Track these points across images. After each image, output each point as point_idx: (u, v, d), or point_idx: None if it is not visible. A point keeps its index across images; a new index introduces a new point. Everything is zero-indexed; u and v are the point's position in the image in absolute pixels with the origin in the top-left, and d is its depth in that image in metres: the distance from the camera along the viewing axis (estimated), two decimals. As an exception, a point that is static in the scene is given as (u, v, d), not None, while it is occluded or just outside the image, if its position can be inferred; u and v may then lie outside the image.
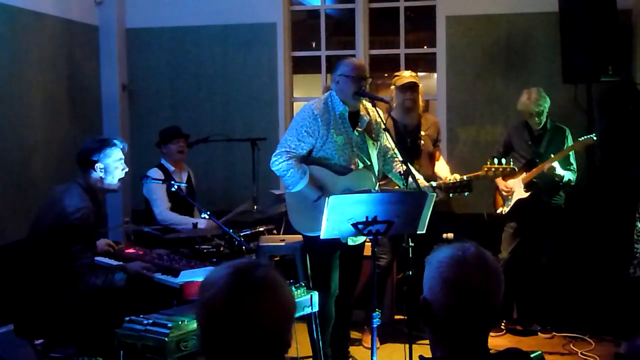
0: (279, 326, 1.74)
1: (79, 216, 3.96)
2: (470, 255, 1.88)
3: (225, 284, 1.73)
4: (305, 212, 4.50)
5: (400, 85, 5.44)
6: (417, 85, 5.45)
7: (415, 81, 5.44)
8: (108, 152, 4.14)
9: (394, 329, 5.76)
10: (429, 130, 5.66)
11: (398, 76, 5.53)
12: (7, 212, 5.64)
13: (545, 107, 5.55)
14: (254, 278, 1.74)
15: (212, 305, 1.71)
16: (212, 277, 1.77)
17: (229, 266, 1.79)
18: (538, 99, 5.53)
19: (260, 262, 1.85)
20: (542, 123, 5.61)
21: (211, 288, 1.73)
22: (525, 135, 5.69)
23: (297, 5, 7.55)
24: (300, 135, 4.49)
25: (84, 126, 6.74)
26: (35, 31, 6.11)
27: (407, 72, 5.57)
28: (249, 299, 1.71)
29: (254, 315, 1.70)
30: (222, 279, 1.74)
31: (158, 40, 7.19)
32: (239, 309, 1.69)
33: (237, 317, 1.69)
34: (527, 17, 6.56)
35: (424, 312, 1.92)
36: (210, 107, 7.13)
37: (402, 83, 5.43)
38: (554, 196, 5.67)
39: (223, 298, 1.70)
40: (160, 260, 4.60)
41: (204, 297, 1.74)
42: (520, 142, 5.71)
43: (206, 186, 6.60)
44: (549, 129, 5.65)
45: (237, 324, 1.69)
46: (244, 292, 1.71)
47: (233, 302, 1.70)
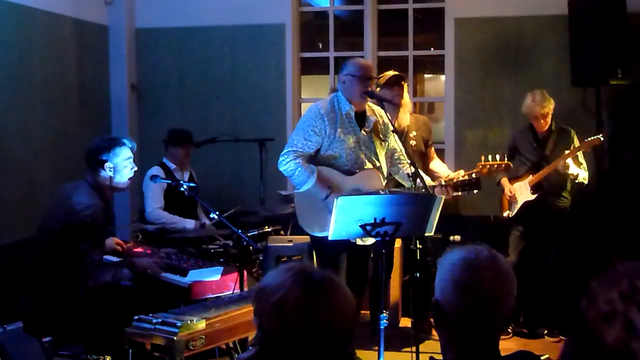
0: (346, 325, 1.75)
1: (88, 213, 3.97)
2: (482, 258, 1.88)
3: (294, 284, 1.72)
4: (313, 213, 4.50)
5: (386, 81, 5.40)
6: (401, 79, 5.42)
7: (399, 74, 5.41)
8: (117, 151, 4.15)
9: (400, 330, 5.76)
10: (419, 130, 5.63)
11: (382, 76, 5.49)
12: (16, 210, 5.66)
13: (550, 109, 5.54)
14: (319, 278, 1.75)
15: (283, 307, 1.70)
16: (274, 281, 1.75)
17: (287, 269, 1.78)
18: (542, 101, 5.51)
19: (312, 265, 1.86)
20: (547, 125, 5.60)
21: (278, 291, 1.72)
22: (530, 138, 5.68)
23: (306, 6, 7.57)
24: (307, 134, 4.49)
25: (93, 125, 6.76)
26: (45, 30, 6.13)
27: (389, 72, 5.51)
28: (320, 298, 1.71)
29: (325, 314, 1.70)
30: (287, 281, 1.73)
31: (167, 40, 7.21)
32: (312, 308, 1.70)
33: (311, 315, 1.69)
34: (536, 19, 6.56)
35: (436, 314, 1.92)
36: (218, 107, 7.14)
37: (387, 79, 5.39)
38: (560, 198, 5.66)
39: (296, 297, 1.70)
40: (168, 259, 4.61)
41: (271, 301, 1.72)
42: (526, 145, 5.70)
43: (213, 186, 6.61)
44: (554, 131, 5.63)
45: (311, 323, 1.69)
46: (315, 292, 1.72)
47: (306, 301, 1.70)
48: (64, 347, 4.12)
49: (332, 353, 1.73)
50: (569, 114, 6.07)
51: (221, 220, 4.47)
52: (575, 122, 5.90)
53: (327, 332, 1.71)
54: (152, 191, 5.69)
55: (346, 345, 1.77)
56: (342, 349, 1.76)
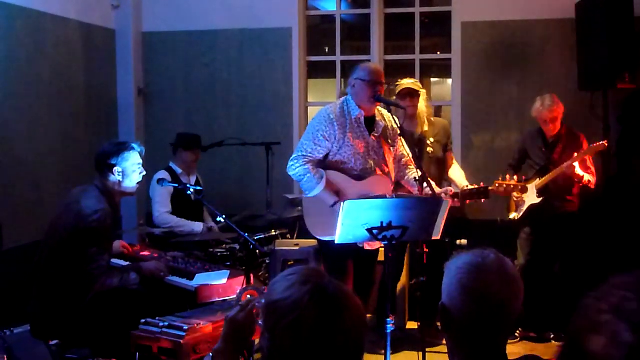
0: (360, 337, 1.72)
1: (96, 218, 3.97)
2: (489, 262, 1.88)
3: (310, 303, 1.67)
4: (321, 217, 4.49)
5: (399, 92, 5.41)
6: (416, 92, 5.40)
7: (414, 87, 5.40)
8: (126, 156, 4.16)
9: (407, 335, 5.74)
10: (437, 136, 5.62)
11: (398, 84, 5.50)
12: (24, 214, 5.68)
13: (559, 113, 5.53)
14: (333, 293, 1.71)
15: (299, 327, 1.65)
16: (288, 296, 1.70)
17: (301, 282, 1.72)
18: (551, 105, 5.50)
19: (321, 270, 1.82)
20: (555, 130, 5.59)
21: (293, 310, 1.67)
22: (539, 142, 5.67)
23: (313, 10, 7.57)
24: (317, 139, 4.49)
25: (100, 129, 6.79)
26: (53, 34, 6.16)
27: (408, 79, 5.50)
28: (337, 318, 1.67)
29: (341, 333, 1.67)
30: (303, 298, 1.68)
31: (174, 44, 7.22)
32: (329, 329, 1.66)
33: (327, 336, 1.66)
34: (543, 23, 6.55)
35: (443, 318, 1.92)
36: (225, 111, 7.15)
37: (400, 90, 5.40)
38: (567, 203, 5.64)
39: (312, 318, 1.66)
40: (175, 263, 4.62)
41: (286, 319, 1.67)
42: (535, 149, 5.69)
43: (220, 190, 6.62)
44: (564, 135, 5.62)
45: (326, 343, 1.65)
46: (332, 311, 1.68)
47: (322, 323, 1.66)
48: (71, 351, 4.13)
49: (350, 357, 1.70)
50: (576, 118, 6.05)
51: (228, 224, 4.47)
52: (582, 126, 5.88)
53: (342, 349, 1.68)
54: (159, 195, 5.70)
55: (358, 357, 1.74)
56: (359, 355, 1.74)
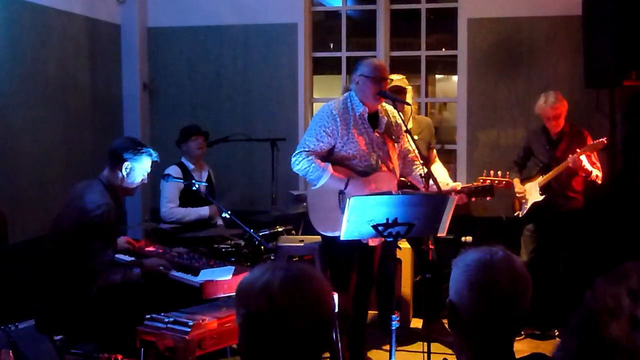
0: (331, 306, 1.80)
1: (99, 213, 3.97)
2: (498, 259, 1.87)
3: (276, 271, 1.77)
4: (326, 212, 4.48)
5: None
6: (403, 89, 5.37)
7: (400, 84, 5.37)
8: (140, 158, 4.17)
9: (411, 331, 5.74)
10: (422, 133, 5.60)
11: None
12: (28, 208, 5.68)
13: (562, 110, 5.51)
14: (297, 265, 1.82)
15: (270, 288, 1.73)
16: (254, 274, 1.80)
17: (263, 266, 1.83)
18: (554, 102, 5.48)
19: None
20: (559, 127, 5.57)
21: (261, 277, 1.76)
22: (543, 140, 5.66)
23: (318, 6, 7.56)
24: (319, 135, 4.48)
25: (105, 124, 6.79)
26: (58, 29, 6.15)
27: (394, 75, 5.42)
28: (303, 279, 1.76)
29: (311, 292, 1.74)
30: (267, 269, 1.78)
31: (179, 39, 7.22)
32: (298, 286, 1.74)
33: (298, 293, 1.73)
34: (549, 20, 6.52)
35: (450, 315, 1.91)
36: (230, 106, 7.15)
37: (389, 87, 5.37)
38: (570, 200, 5.62)
39: (280, 278, 1.74)
40: (180, 258, 4.62)
41: (256, 286, 1.75)
42: (539, 146, 5.68)
43: (225, 186, 6.61)
44: (568, 133, 5.60)
45: (299, 300, 1.73)
46: (297, 274, 1.77)
47: (291, 281, 1.74)
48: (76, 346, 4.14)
49: (319, 332, 1.77)
50: (582, 115, 6.04)
51: (233, 220, 4.47)
52: (588, 124, 5.87)
53: (315, 309, 1.75)
54: (167, 191, 5.69)
55: (331, 326, 1.81)
56: (328, 330, 1.81)
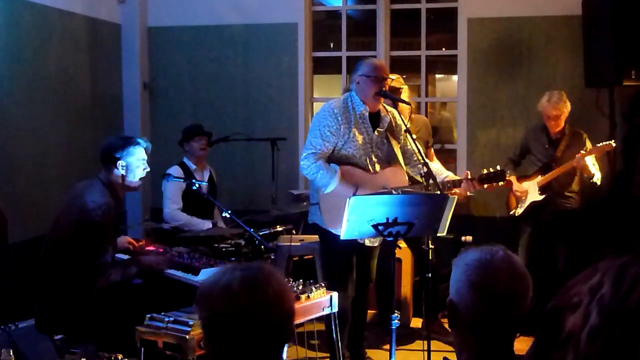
0: (290, 301, 1.88)
1: (100, 212, 3.98)
2: (498, 258, 1.88)
3: (234, 271, 1.85)
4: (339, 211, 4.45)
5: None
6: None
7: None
8: (131, 151, 4.16)
9: (411, 330, 5.75)
10: (419, 132, 5.62)
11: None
12: (28, 208, 5.68)
13: (564, 111, 5.51)
14: (254, 264, 1.90)
15: (230, 288, 1.80)
16: (212, 278, 1.88)
17: (220, 269, 1.91)
18: (557, 102, 5.49)
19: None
20: (558, 127, 5.58)
21: (220, 279, 1.84)
22: (543, 139, 5.67)
23: (318, 5, 7.56)
24: (324, 134, 4.48)
25: (105, 123, 6.79)
26: (58, 28, 6.15)
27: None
28: (262, 276, 1.83)
29: (271, 288, 1.82)
30: (225, 271, 1.86)
31: (179, 39, 7.22)
32: (257, 284, 1.81)
33: (258, 290, 1.80)
34: (549, 20, 6.53)
35: (451, 315, 1.92)
36: (230, 106, 7.15)
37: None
38: (568, 199, 5.63)
39: (239, 278, 1.82)
40: (180, 258, 4.62)
41: (217, 288, 1.82)
42: (538, 145, 5.69)
43: (226, 185, 6.62)
44: (567, 134, 5.61)
45: (259, 297, 1.80)
46: (255, 272, 1.84)
47: (249, 279, 1.82)
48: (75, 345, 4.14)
49: (280, 327, 1.85)
50: (582, 114, 6.04)
51: (233, 219, 4.47)
52: (588, 123, 5.88)
53: (275, 305, 1.81)
54: (170, 192, 5.68)
55: (291, 320, 1.89)
56: (288, 324, 1.89)
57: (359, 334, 4.96)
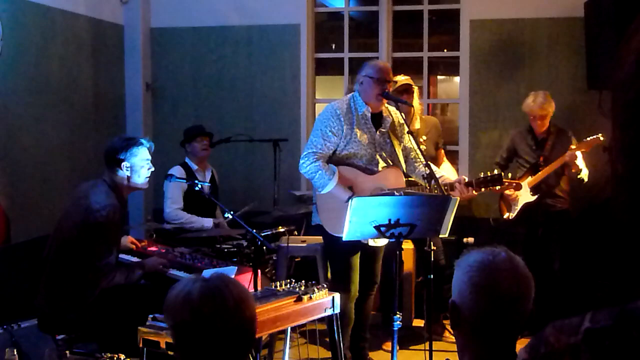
0: (252, 309, 1.99)
1: (105, 214, 3.99)
2: (500, 260, 1.88)
3: (195, 282, 1.97)
4: (335, 212, 4.47)
5: (395, 89, 5.41)
6: (411, 88, 5.42)
7: (409, 84, 5.42)
8: (135, 151, 4.17)
9: (413, 332, 5.75)
10: (429, 133, 5.64)
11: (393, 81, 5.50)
12: (31, 208, 5.69)
13: (549, 111, 5.55)
14: (216, 275, 2.03)
15: (190, 297, 1.93)
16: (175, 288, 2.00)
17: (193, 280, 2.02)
18: (543, 102, 5.52)
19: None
20: (543, 127, 5.61)
21: (182, 290, 1.97)
22: (529, 140, 5.70)
23: (321, 6, 7.57)
24: (326, 135, 4.50)
25: (108, 124, 6.80)
26: (61, 29, 6.16)
27: (400, 76, 5.52)
28: (222, 286, 1.95)
29: (231, 298, 1.92)
30: (188, 282, 2.01)
31: (182, 40, 7.23)
32: (217, 293, 1.93)
33: (218, 299, 1.92)
34: (552, 22, 6.53)
35: (453, 316, 1.92)
36: (232, 107, 7.16)
37: (397, 87, 5.40)
38: (558, 199, 5.64)
39: (199, 287, 1.94)
40: (182, 258, 4.63)
41: (178, 298, 1.95)
42: (525, 146, 5.72)
43: (227, 186, 6.62)
44: (553, 133, 5.64)
45: (219, 306, 1.91)
46: (216, 282, 1.97)
47: (209, 289, 1.94)
48: (78, 345, 4.15)
49: (243, 333, 1.94)
50: (585, 116, 6.04)
51: (235, 220, 4.47)
52: (590, 125, 5.87)
53: (236, 312, 1.91)
54: (171, 191, 5.70)
55: (253, 326, 1.98)
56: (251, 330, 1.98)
57: (362, 335, 4.96)
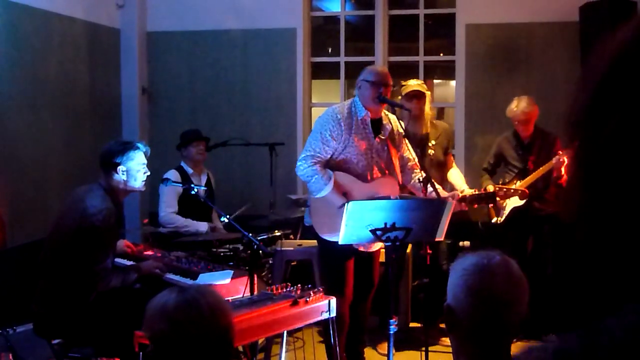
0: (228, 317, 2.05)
1: (101, 218, 3.98)
2: (495, 263, 1.89)
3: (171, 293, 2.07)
4: (328, 217, 4.48)
5: (406, 94, 5.44)
6: (423, 94, 5.43)
7: (420, 89, 5.43)
8: (131, 155, 4.17)
9: (409, 335, 5.74)
10: (439, 138, 5.64)
11: (404, 85, 5.53)
12: (26, 212, 5.69)
13: (533, 115, 5.59)
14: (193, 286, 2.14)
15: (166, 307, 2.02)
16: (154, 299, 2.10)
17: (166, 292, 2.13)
18: (526, 107, 5.56)
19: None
20: (528, 131, 5.65)
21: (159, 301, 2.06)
22: (515, 145, 5.73)
23: (317, 11, 7.58)
24: (325, 138, 4.50)
25: (104, 128, 6.80)
26: (58, 33, 6.17)
27: (413, 80, 5.56)
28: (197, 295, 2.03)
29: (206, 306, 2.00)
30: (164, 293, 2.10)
31: (178, 43, 7.23)
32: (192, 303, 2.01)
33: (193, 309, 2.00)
34: (547, 26, 6.55)
35: (448, 319, 1.92)
36: (229, 111, 7.16)
37: (408, 92, 5.42)
38: (547, 202, 5.65)
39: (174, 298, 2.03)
40: (178, 262, 4.62)
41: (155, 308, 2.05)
42: (512, 152, 5.74)
43: (224, 190, 6.62)
44: (538, 136, 5.67)
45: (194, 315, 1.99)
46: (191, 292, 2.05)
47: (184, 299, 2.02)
48: (74, 349, 4.14)
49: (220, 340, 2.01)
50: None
51: (232, 224, 4.47)
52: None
53: (211, 321, 1.98)
54: (166, 195, 5.69)
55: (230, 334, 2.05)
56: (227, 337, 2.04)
57: (358, 338, 4.96)
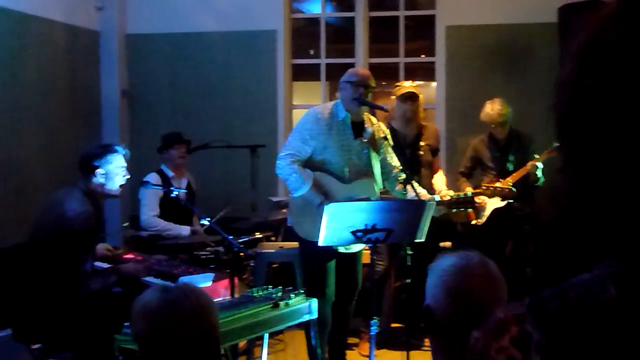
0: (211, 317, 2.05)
1: (79, 221, 3.96)
2: (474, 264, 1.89)
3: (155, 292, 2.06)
4: (308, 217, 4.48)
5: (401, 95, 5.45)
6: (417, 96, 5.46)
7: (415, 91, 5.45)
8: (110, 158, 4.15)
9: (391, 336, 5.75)
10: (428, 140, 5.67)
11: (399, 86, 5.55)
12: (7, 216, 5.64)
13: (506, 117, 5.64)
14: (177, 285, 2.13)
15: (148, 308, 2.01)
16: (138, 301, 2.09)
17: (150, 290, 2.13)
18: (501, 109, 5.62)
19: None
20: (504, 132, 5.69)
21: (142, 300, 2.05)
22: (492, 147, 5.77)
23: (298, 12, 7.58)
24: (304, 138, 4.51)
25: (84, 131, 6.76)
26: (36, 35, 6.12)
27: (407, 82, 5.59)
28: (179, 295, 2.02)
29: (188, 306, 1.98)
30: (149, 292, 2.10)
31: (158, 46, 7.20)
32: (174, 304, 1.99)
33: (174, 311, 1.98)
34: (526, 27, 6.58)
35: (427, 320, 1.92)
36: (209, 113, 7.13)
37: (402, 93, 5.44)
38: (527, 203, 5.69)
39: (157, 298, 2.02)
40: (159, 265, 4.60)
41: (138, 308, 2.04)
42: (488, 154, 5.77)
43: (205, 192, 6.59)
44: (514, 138, 5.72)
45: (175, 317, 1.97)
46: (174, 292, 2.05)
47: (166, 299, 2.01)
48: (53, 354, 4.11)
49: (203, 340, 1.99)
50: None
51: (213, 227, 4.46)
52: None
53: (194, 321, 1.97)
54: (147, 198, 5.66)
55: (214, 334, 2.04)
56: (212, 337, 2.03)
57: (340, 339, 4.95)
